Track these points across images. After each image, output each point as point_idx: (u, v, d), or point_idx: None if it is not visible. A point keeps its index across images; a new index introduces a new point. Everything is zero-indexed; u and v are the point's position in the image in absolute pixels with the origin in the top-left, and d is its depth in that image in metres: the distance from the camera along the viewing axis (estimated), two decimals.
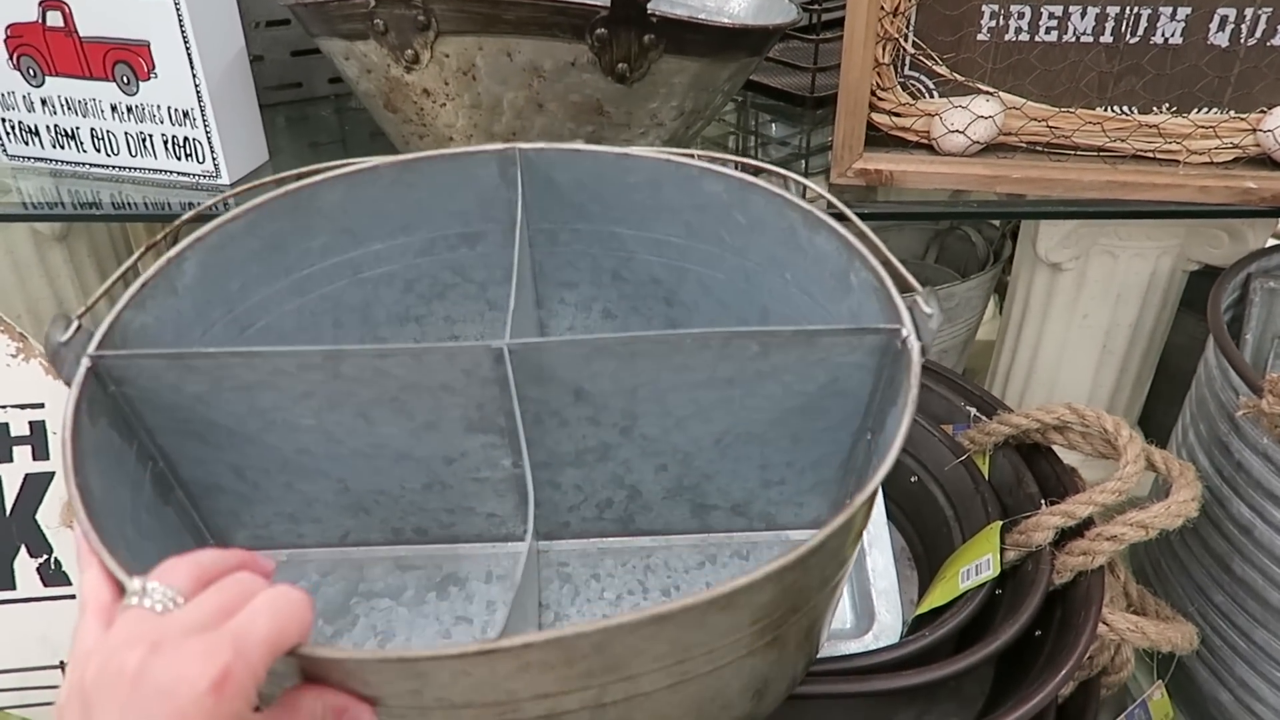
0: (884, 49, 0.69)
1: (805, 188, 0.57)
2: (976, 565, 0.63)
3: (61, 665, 0.66)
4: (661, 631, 0.36)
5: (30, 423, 0.72)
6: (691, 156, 0.56)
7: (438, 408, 0.52)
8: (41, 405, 0.71)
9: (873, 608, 0.65)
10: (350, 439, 0.53)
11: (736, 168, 0.57)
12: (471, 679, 0.35)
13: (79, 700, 0.32)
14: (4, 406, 0.71)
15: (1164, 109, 0.70)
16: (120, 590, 0.36)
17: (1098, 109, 0.71)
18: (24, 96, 0.73)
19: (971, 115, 0.70)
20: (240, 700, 0.32)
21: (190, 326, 0.53)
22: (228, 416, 0.50)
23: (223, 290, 0.54)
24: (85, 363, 0.44)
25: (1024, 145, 0.73)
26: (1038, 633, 0.62)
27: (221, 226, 0.52)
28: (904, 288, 0.48)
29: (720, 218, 0.57)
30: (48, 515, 0.72)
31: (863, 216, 0.56)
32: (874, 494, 0.41)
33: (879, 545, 0.68)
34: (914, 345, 0.45)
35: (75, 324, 0.45)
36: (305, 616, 0.35)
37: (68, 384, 0.44)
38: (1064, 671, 0.56)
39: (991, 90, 0.71)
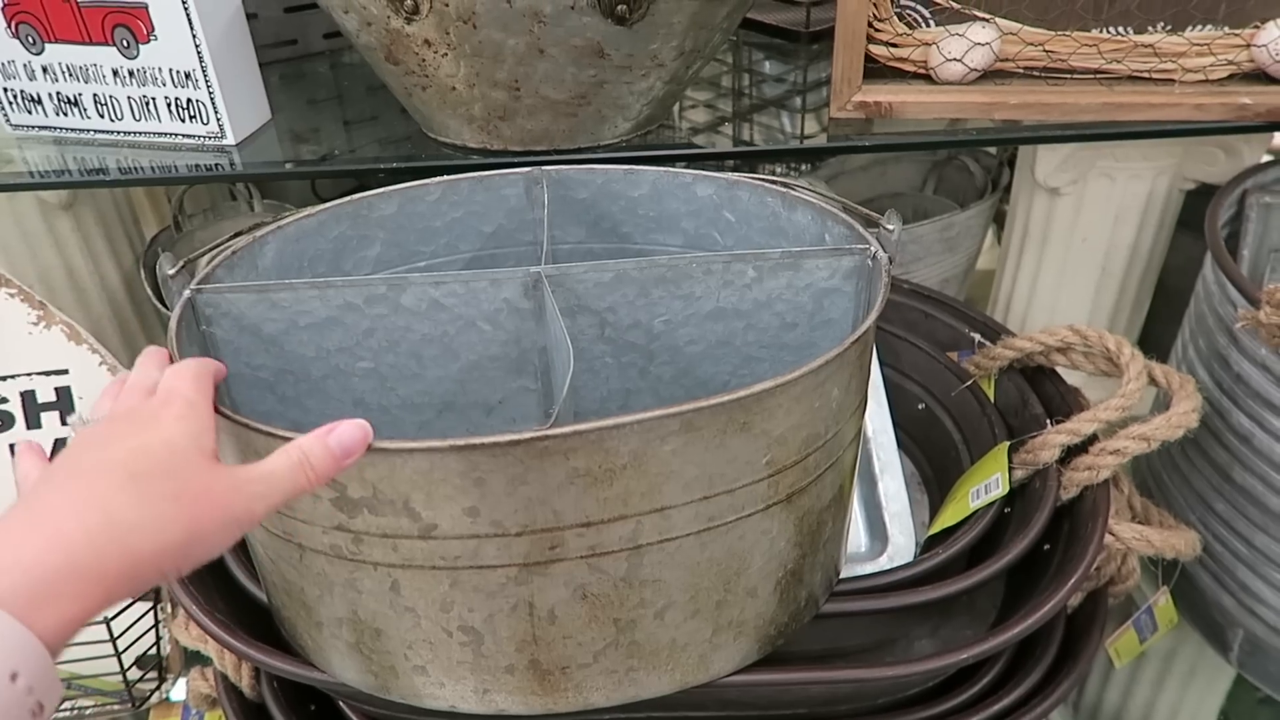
0: None
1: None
2: (986, 485, 0.65)
3: (106, 622, 0.69)
4: (689, 446, 0.41)
5: (56, 389, 0.73)
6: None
7: (481, 344, 0.58)
8: (65, 371, 0.73)
9: (886, 531, 0.67)
10: (402, 385, 0.59)
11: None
12: (527, 488, 0.40)
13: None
14: (29, 374, 0.72)
15: (1159, 28, 0.71)
16: None
17: (1093, 30, 0.71)
18: (24, 65, 0.73)
19: (968, 42, 0.70)
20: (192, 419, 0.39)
21: None
22: (297, 361, 0.56)
23: (294, 279, 0.60)
24: (186, 294, 0.52)
25: (1021, 71, 0.73)
26: (1046, 547, 0.65)
27: (299, 220, 0.58)
28: (870, 223, 0.55)
29: (712, 219, 0.63)
30: None
31: (862, 149, 0.58)
32: (867, 335, 0.47)
33: (890, 471, 0.70)
34: (882, 256, 0.53)
35: (182, 263, 0.52)
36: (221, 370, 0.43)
37: (170, 309, 0.51)
38: (1073, 580, 0.58)
39: (987, 16, 0.71)
